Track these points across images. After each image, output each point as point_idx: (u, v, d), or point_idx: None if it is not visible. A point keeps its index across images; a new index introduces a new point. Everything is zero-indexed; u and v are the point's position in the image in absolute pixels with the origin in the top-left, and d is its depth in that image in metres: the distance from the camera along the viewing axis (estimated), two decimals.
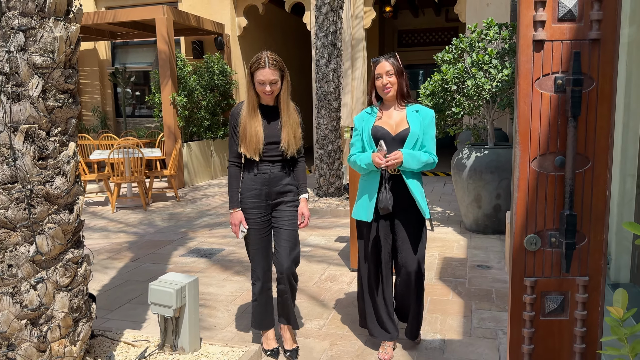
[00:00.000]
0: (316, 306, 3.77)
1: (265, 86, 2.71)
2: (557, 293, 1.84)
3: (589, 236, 1.80)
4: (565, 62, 1.72)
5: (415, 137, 2.80)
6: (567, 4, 1.70)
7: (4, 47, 2.11)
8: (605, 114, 1.74)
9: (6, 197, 2.17)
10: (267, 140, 2.83)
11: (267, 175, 2.88)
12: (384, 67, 2.81)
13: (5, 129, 2.14)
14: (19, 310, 2.23)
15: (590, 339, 1.84)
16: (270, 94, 2.76)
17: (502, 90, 5.34)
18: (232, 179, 2.92)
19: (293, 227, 2.96)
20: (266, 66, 2.69)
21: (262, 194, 2.89)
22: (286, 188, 2.95)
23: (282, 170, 2.91)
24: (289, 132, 2.85)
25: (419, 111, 2.86)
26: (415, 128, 2.80)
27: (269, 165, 2.88)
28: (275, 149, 2.86)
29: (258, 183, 2.88)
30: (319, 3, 6.85)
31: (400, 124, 2.85)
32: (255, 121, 2.78)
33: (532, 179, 1.79)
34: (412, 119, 2.83)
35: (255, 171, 2.88)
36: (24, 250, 2.22)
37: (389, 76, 2.81)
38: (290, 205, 2.97)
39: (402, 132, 2.82)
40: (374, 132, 2.86)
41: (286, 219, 2.94)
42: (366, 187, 2.90)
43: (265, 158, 2.86)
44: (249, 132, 2.77)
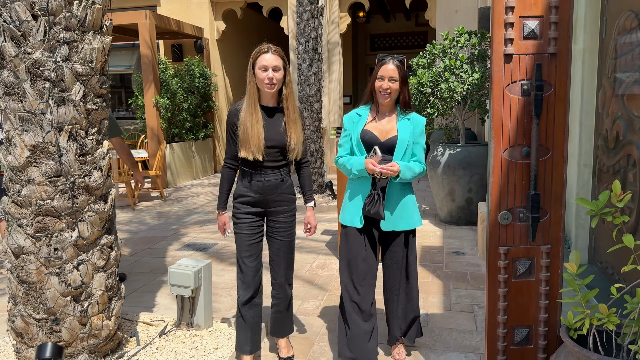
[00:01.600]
0: (311, 289, 4.14)
1: (268, 72, 2.54)
2: (526, 259, 2.27)
3: (550, 212, 2.22)
4: (529, 71, 2.15)
5: (404, 145, 2.68)
6: (530, 25, 2.13)
7: (52, 57, 2.42)
8: (562, 113, 2.17)
9: (52, 188, 2.48)
10: (267, 144, 2.64)
11: (261, 183, 2.70)
12: (387, 70, 2.62)
13: (52, 129, 2.45)
14: (64, 288, 2.53)
15: (552, 296, 2.27)
16: (272, 84, 2.57)
17: (472, 93, 5.82)
18: (224, 180, 2.78)
19: (289, 237, 2.82)
20: (269, 51, 2.56)
21: (255, 202, 2.73)
22: (281, 197, 2.76)
23: (277, 178, 2.72)
24: (296, 130, 2.69)
25: (410, 119, 2.73)
26: (404, 135, 2.68)
27: (264, 173, 2.69)
28: (273, 153, 2.68)
29: (252, 190, 2.71)
30: (300, 10, 7.23)
31: (390, 130, 2.71)
32: (255, 118, 2.59)
33: (504, 166, 2.21)
34: (402, 127, 2.69)
35: (250, 177, 2.71)
36: (67, 236, 2.53)
37: (391, 82, 2.63)
38: (286, 215, 2.80)
39: (391, 139, 2.69)
40: (362, 135, 2.72)
41: (281, 229, 2.79)
42: (355, 193, 2.76)
43: (262, 164, 2.69)
44: (251, 130, 2.58)
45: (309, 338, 3.28)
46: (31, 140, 2.44)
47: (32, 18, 2.39)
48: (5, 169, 2.55)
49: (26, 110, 2.43)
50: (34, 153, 2.46)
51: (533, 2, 2.13)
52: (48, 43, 2.41)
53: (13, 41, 2.39)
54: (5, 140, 2.52)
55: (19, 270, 2.54)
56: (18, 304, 2.58)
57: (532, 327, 2.30)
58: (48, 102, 2.42)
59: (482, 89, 5.86)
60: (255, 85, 2.62)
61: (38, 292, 2.54)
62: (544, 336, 2.29)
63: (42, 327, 2.56)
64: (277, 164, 2.72)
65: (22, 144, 2.44)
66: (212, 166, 11.33)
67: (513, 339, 2.32)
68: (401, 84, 2.66)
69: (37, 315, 2.55)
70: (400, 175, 2.61)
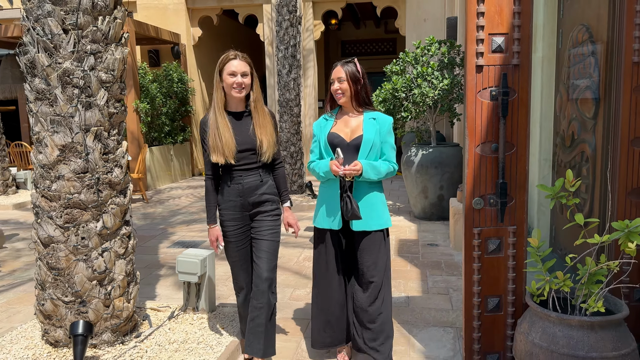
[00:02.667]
0: (300, 279, 4.50)
1: (237, 77, 2.60)
2: (495, 238, 2.68)
3: (516, 198, 2.64)
4: (497, 80, 2.56)
5: (369, 144, 2.74)
6: (498, 41, 2.55)
7: (80, 66, 2.72)
8: (524, 114, 2.59)
9: (80, 184, 2.77)
10: (240, 147, 2.69)
11: (240, 186, 2.74)
12: (336, 73, 2.77)
13: (80, 130, 2.74)
14: (90, 273, 2.82)
15: (518, 269, 2.69)
16: (240, 89, 2.63)
17: (443, 98, 6.28)
18: (209, 193, 2.79)
19: (273, 237, 2.81)
20: (237, 58, 2.63)
21: (237, 205, 2.76)
22: (262, 198, 2.79)
23: (256, 180, 2.76)
24: (267, 134, 2.74)
25: (376, 118, 2.80)
26: (369, 135, 2.74)
27: (242, 176, 2.74)
28: (248, 156, 2.73)
29: (232, 194, 2.75)
30: (280, 19, 7.58)
31: (356, 130, 2.78)
32: (223, 123, 2.64)
33: (476, 160, 2.62)
34: (367, 126, 2.77)
35: (229, 182, 2.75)
36: (93, 226, 2.82)
37: (340, 82, 2.74)
38: (269, 215, 2.82)
39: (356, 138, 2.76)
40: (329, 138, 2.80)
41: (265, 229, 2.80)
42: (326, 195, 2.83)
43: (237, 167, 2.73)
44: (220, 135, 2.63)
45: (304, 319, 3.63)
46: (61, 141, 2.73)
47: (63, 32, 2.68)
48: (35, 167, 2.82)
49: (57, 114, 2.71)
50: (64, 152, 2.74)
51: (499, 22, 2.55)
52: (77, 54, 2.71)
53: (46, 52, 2.68)
54: (36, 141, 2.80)
55: (49, 257, 2.81)
56: (47, 288, 2.85)
57: (502, 297, 2.72)
58: (77, 106, 2.71)
59: (451, 94, 6.32)
60: (222, 91, 2.67)
61: (66, 277, 2.82)
62: (512, 304, 2.70)
63: (70, 308, 2.83)
64: (254, 165, 2.75)
65: (53, 144, 2.73)
66: (190, 169, 11.54)
67: (486, 306, 2.72)
68: (351, 83, 2.74)
69: (65, 298, 2.83)
70: (363, 174, 2.66)
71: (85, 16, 2.70)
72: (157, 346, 2.98)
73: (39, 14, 2.67)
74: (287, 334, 3.39)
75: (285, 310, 3.80)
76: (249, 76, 2.66)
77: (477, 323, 2.72)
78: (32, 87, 2.75)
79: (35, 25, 2.68)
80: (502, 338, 2.74)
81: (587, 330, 2.27)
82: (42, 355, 2.88)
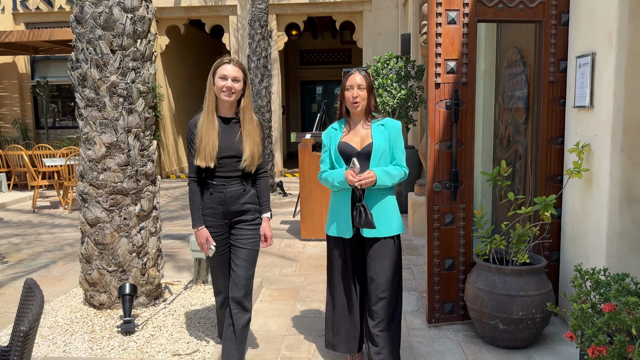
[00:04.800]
0: (285, 260, 5.23)
1: (227, 81, 2.58)
2: (450, 213, 3.52)
3: (465, 182, 3.50)
4: (450, 94, 3.41)
5: (379, 151, 2.73)
6: (451, 64, 3.40)
7: (124, 80, 3.38)
8: (470, 120, 3.46)
9: (122, 174, 3.43)
10: (223, 153, 2.65)
11: (222, 194, 2.70)
12: (355, 80, 2.72)
13: (124, 131, 3.40)
14: (131, 247, 3.48)
15: (467, 237, 3.54)
16: (229, 93, 2.60)
17: (401, 106, 7.18)
18: (194, 195, 2.72)
19: (253, 246, 2.79)
20: (231, 63, 2.63)
21: (219, 213, 2.73)
22: (244, 207, 2.77)
23: (239, 189, 2.73)
24: (252, 143, 2.68)
25: (384, 124, 2.80)
26: (379, 142, 2.74)
27: (224, 184, 2.70)
28: (232, 163, 2.68)
29: (214, 202, 2.71)
30: (252, 33, 8.30)
31: (366, 138, 2.77)
32: (210, 125, 2.62)
33: (436, 154, 3.46)
34: (376, 133, 2.76)
35: (211, 190, 2.71)
36: (132, 209, 3.48)
37: (360, 90, 2.72)
38: (249, 224, 2.80)
39: (367, 146, 2.75)
40: (340, 148, 2.78)
41: (245, 238, 2.78)
42: (338, 204, 2.81)
43: (220, 174, 2.69)
44: (204, 137, 2.61)
45: (294, 289, 4.38)
46: (108, 140, 3.37)
47: (111, 52, 3.34)
48: (84, 161, 3.45)
49: (105, 118, 3.36)
50: (110, 149, 3.39)
51: (452, 50, 3.40)
52: (121, 69, 3.37)
53: (97, 68, 3.33)
54: (85, 140, 3.43)
55: (95, 235, 3.44)
56: (93, 260, 3.48)
57: (455, 258, 3.56)
58: (121, 112, 3.37)
59: (407, 103, 7.23)
60: (213, 94, 2.64)
61: (110, 250, 3.45)
62: (463, 263, 3.55)
63: (114, 276, 3.47)
64: (237, 174, 2.71)
65: (101, 142, 3.37)
66: (158, 171, 12.03)
67: (443, 266, 3.56)
68: (368, 92, 2.75)
69: (109, 268, 3.46)
70: (377, 182, 2.66)
71: (128, 39, 3.37)
72: (181, 307, 3.66)
73: (91, 37, 3.31)
74: (284, 299, 4.13)
75: (278, 283, 4.53)
76: (240, 82, 2.64)
77: (436, 279, 3.56)
78: (83, 96, 3.38)
79: (88, 46, 3.32)
80: (456, 290, 3.59)
81: (517, 276, 3.13)
82: (89, 314, 3.50)
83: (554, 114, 3.56)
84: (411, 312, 3.85)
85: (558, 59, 3.51)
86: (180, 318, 3.47)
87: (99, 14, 3.30)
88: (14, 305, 4.06)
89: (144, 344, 3.12)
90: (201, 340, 3.19)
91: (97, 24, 3.30)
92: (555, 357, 3.11)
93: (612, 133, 2.96)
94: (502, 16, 3.45)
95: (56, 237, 6.47)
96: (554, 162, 3.59)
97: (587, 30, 3.23)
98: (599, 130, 3.09)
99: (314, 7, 11.42)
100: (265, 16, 8.30)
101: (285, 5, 11.35)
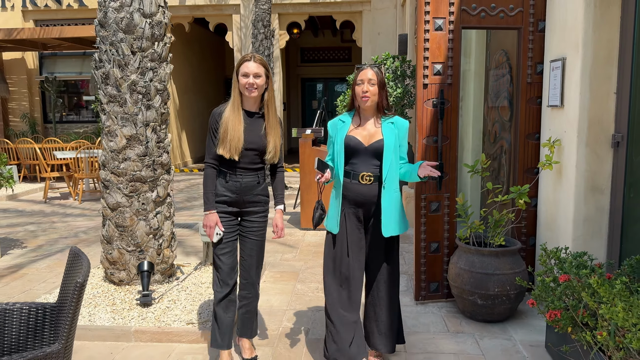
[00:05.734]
0: (286, 247, 5.62)
1: (249, 78, 2.68)
2: (436, 201, 3.90)
3: (449, 174, 3.87)
4: (437, 93, 3.79)
5: (390, 148, 2.75)
6: (437, 67, 3.77)
7: (143, 78, 3.75)
8: (455, 117, 3.83)
9: (141, 164, 3.80)
10: (247, 146, 2.77)
11: (239, 183, 2.81)
12: (366, 74, 2.74)
13: (142, 125, 3.77)
14: (148, 230, 3.85)
15: (451, 222, 3.91)
16: (252, 90, 2.71)
17: (397, 104, 7.55)
18: (208, 179, 2.82)
19: (261, 237, 2.94)
20: (252, 60, 2.72)
21: (232, 202, 2.85)
22: (256, 198, 2.88)
23: (254, 180, 2.85)
24: (275, 136, 2.82)
25: (394, 123, 2.82)
26: (389, 140, 2.76)
27: (242, 174, 2.82)
28: (251, 155, 2.80)
29: (229, 190, 2.82)
30: (255, 32, 8.67)
31: (375, 135, 2.79)
32: (237, 120, 2.72)
33: (423, 148, 3.83)
34: (387, 131, 2.78)
35: (228, 178, 2.82)
36: (150, 195, 3.86)
37: (370, 85, 2.73)
38: (260, 215, 2.92)
39: (375, 143, 2.77)
40: (346, 141, 2.80)
41: (255, 229, 2.91)
42: (332, 201, 2.90)
43: (239, 165, 2.80)
44: (231, 131, 2.71)
45: (295, 272, 4.76)
46: (128, 132, 3.75)
47: (131, 53, 3.71)
48: (106, 152, 3.82)
49: (125, 113, 3.73)
50: (130, 141, 3.76)
51: (439, 54, 3.77)
52: (140, 69, 3.74)
53: (119, 68, 3.70)
54: (107, 132, 3.80)
55: (116, 218, 3.82)
56: (114, 241, 3.86)
57: (440, 242, 3.94)
58: (140, 107, 3.74)
59: (403, 101, 7.59)
60: (238, 91, 2.76)
61: (129, 232, 3.83)
62: (447, 246, 3.93)
63: (132, 255, 3.85)
64: (255, 166, 2.83)
65: (122, 135, 3.75)
66: None
67: (429, 249, 3.94)
68: (379, 88, 2.77)
69: (128, 248, 3.84)
70: None
71: (147, 42, 3.74)
72: (193, 285, 4.04)
73: (114, 39, 3.68)
74: (285, 280, 4.51)
75: (279, 267, 4.92)
76: (262, 77, 2.74)
77: (423, 261, 3.94)
78: (106, 92, 3.75)
79: (111, 48, 3.69)
80: (441, 271, 3.97)
81: (493, 257, 3.51)
82: (110, 290, 3.89)
83: (531, 112, 3.93)
84: (401, 292, 4.23)
85: (535, 62, 3.88)
86: (192, 293, 3.86)
87: (121, 18, 3.67)
88: (37, 283, 4.44)
89: (161, 314, 3.50)
90: (211, 312, 3.57)
91: (119, 28, 3.67)
92: (527, 329, 3.50)
93: (578, 129, 3.34)
94: (484, 23, 3.82)
95: (69, 225, 6.85)
96: (530, 155, 3.96)
97: (559, 37, 3.60)
98: (568, 126, 3.46)
99: (315, 6, 11.77)
100: (268, 16, 8.67)
101: (287, 5, 11.71)
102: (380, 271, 2.89)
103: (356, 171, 2.79)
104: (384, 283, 2.90)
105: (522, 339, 3.38)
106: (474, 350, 3.24)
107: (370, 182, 2.78)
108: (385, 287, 2.90)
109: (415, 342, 3.34)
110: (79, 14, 12.13)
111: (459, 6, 3.74)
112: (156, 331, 3.29)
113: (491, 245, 3.63)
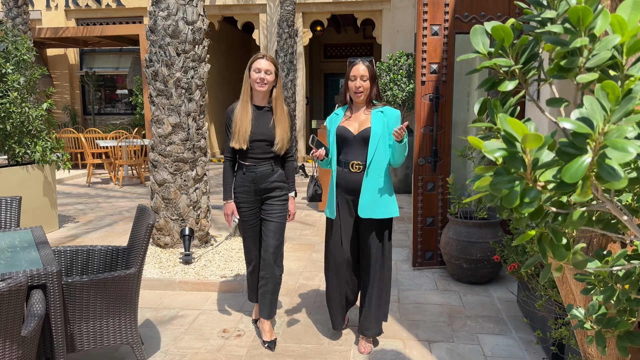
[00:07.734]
0: (305, 225, 6.35)
1: (260, 73, 2.89)
2: (431, 182, 4.56)
3: (443, 158, 4.53)
4: (433, 89, 4.45)
5: (377, 136, 2.86)
6: (433, 66, 4.43)
7: (186, 76, 4.50)
8: (448, 110, 4.49)
9: (183, 147, 4.56)
10: (255, 137, 2.97)
11: (253, 174, 3.04)
12: (359, 71, 2.85)
13: (185, 115, 4.53)
14: (189, 202, 4.62)
15: (444, 200, 4.57)
16: (262, 84, 2.91)
17: (409, 98, 8.19)
18: (226, 172, 3.14)
19: (281, 219, 3.11)
20: (264, 57, 2.94)
21: (250, 190, 3.07)
22: (273, 185, 3.09)
23: (268, 169, 3.05)
24: (282, 129, 3.02)
25: (383, 112, 2.93)
26: (376, 128, 2.87)
27: (255, 165, 3.03)
28: (263, 146, 3.00)
29: (247, 180, 3.05)
30: (280, 32, 9.39)
31: (364, 123, 2.92)
32: (245, 112, 2.95)
33: (421, 136, 4.50)
34: (375, 120, 2.90)
35: (244, 169, 3.05)
36: (190, 174, 4.61)
37: (362, 80, 2.86)
38: (278, 200, 3.12)
39: (363, 131, 2.91)
40: (338, 131, 2.97)
41: (274, 212, 3.10)
42: (330, 188, 3.07)
43: (252, 156, 3.01)
44: (239, 122, 2.94)
45: (311, 244, 5.49)
46: (173, 121, 4.51)
47: (176, 55, 4.46)
48: (155, 136, 4.58)
49: (171, 105, 4.49)
50: (174, 128, 4.52)
51: (435, 55, 4.43)
52: (183, 68, 4.49)
53: (166, 67, 4.45)
54: (156, 121, 4.56)
55: (163, 192, 4.59)
56: (160, 211, 4.63)
57: (435, 216, 4.61)
58: (183, 100, 4.50)
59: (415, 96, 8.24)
60: (248, 85, 2.98)
61: (173, 204, 4.60)
62: (440, 221, 4.60)
63: (176, 223, 4.62)
64: (267, 155, 3.05)
65: (168, 123, 4.51)
66: None
67: (425, 223, 4.61)
68: (371, 82, 2.90)
69: (172, 217, 4.61)
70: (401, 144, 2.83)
71: (189, 45, 4.49)
72: (225, 250, 4.80)
73: (162, 43, 4.44)
74: (303, 250, 5.24)
75: (298, 240, 5.64)
76: (272, 74, 2.96)
77: (420, 232, 4.61)
78: (155, 87, 4.52)
79: (159, 50, 4.45)
80: (435, 241, 4.64)
81: (477, 228, 4.17)
82: (157, 252, 4.67)
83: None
84: (402, 261, 4.92)
85: None
86: (224, 256, 4.62)
87: (168, 25, 4.42)
88: None
89: (200, 270, 4.27)
90: (241, 270, 4.32)
91: (167, 33, 4.43)
92: (505, 290, 4.15)
93: None
94: None
95: (113, 205, 7.70)
96: None
97: None
98: None
99: (337, 6, 12.43)
100: (292, 17, 9.37)
101: (311, 4, 12.40)
102: (372, 255, 3.02)
103: (347, 160, 2.97)
104: (373, 266, 3.02)
105: (499, 296, 4.04)
106: (456, 302, 3.92)
107: (360, 170, 2.94)
108: (374, 270, 3.02)
109: (408, 296, 4.03)
110: (117, 12, 13.04)
111: (453, 14, 4.38)
112: (196, 282, 4.05)
113: (475, 218, 4.29)
